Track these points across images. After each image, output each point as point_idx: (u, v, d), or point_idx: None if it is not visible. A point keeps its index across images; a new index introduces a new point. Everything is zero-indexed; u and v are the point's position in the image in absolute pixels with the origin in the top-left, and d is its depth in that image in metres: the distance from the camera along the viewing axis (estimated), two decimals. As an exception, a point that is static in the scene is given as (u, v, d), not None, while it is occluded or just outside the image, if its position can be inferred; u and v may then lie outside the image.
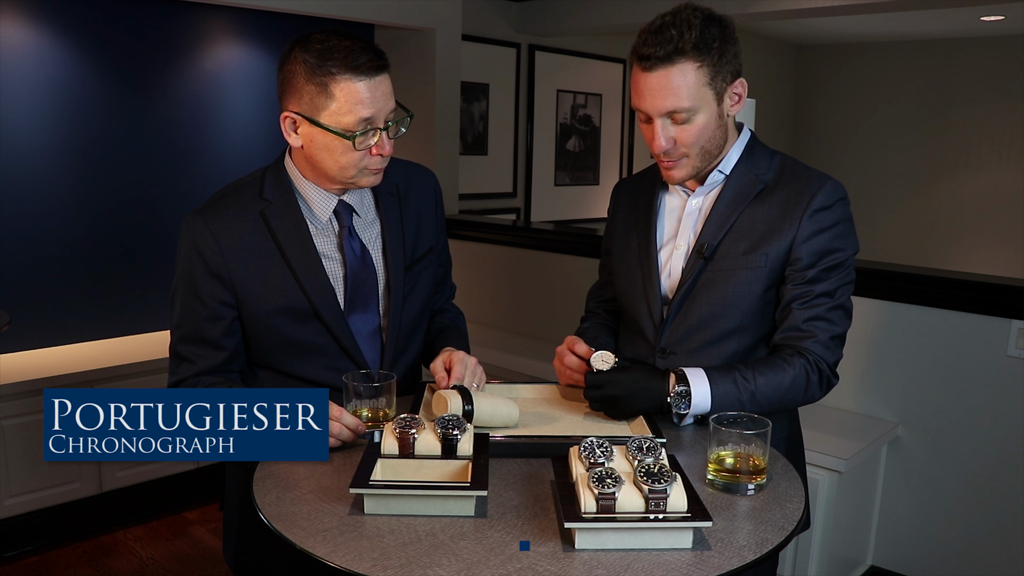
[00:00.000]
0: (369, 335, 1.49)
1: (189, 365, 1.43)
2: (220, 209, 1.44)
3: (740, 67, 1.40)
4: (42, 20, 3.10)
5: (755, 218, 1.43)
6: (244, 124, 3.74)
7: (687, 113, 1.36)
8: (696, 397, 1.34)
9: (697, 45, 1.32)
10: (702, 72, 1.34)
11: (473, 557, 0.95)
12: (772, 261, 1.41)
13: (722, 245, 1.43)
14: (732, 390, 1.35)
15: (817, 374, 1.40)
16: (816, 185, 1.42)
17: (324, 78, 1.32)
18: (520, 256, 3.72)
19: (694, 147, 1.39)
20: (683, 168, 1.42)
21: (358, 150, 1.36)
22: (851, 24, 6.43)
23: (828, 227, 1.41)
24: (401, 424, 1.15)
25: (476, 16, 4.65)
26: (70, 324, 3.30)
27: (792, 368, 1.39)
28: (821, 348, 1.40)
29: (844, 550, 2.58)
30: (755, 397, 1.36)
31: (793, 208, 1.41)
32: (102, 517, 3.10)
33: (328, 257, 1.46)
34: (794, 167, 1.47)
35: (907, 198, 7.33)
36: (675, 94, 1.34)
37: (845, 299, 1.44)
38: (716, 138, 1.41)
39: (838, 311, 1.42)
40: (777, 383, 1.37)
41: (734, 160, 1.46)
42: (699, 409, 1.35)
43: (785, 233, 1.40)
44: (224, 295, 1.42)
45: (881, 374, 2.67)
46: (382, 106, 1.36)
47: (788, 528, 1.04)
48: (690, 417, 1.38)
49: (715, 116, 1.38)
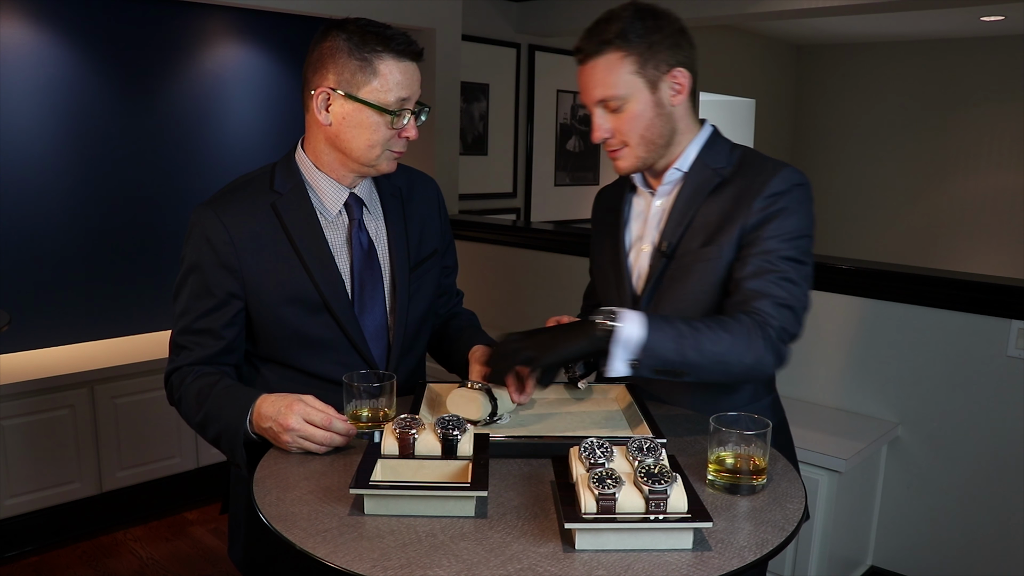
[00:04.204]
0: (376, 332, 1.50)
1: (187, 353, 1.44)
2: (231, 201, 1.44)
3: (683, 59, 1.42)
4: (42, 20, 3.10)
5: (710, 212, 1.43)
6: (244, 124, 3.74)
7: (618, 101, 1.40)
8: (627, 322, 1.25)
9: (622, 35, 1.38)
10: (629, 61, 1.38)
11: (473, 558, 0.95)
12: (726, 252, 1.40)
13: (682, 242, 1.44)
14: (669, 327, 1.27)
15: (761, 331, 1.30)
16: (770, 172, 1.40)
17: (368, 55, 1.36)
18: (520, 256, 3.72)
19: (631, 135, 1.42)
20: (627, 158, 1.45)
21: (393, 128, 1.39)
22: (851, 24, 6.43)
23: (780, 211, 1.37)
24: (401, 424, 1.15)
25: (476, 16, 4.65)
26: (70, 324, 3.30)
27: (737, 321, 1.31)
28: (768, 307, 1.32)
29: (844, 550, 2.58)
30: (698, 344, 1.26)
31: (746, 196, 1.40)
32: (102, 517, 3.10)
33: (337, 250, 1.47)
34: (753, 158, 1.46)
35: (907, 198, 7.33)
36: (603, 83, 1.40)
37: (795, 276, 1.36)
38: (656, 127, 1.42)
39: (785, 283, 1.34)
40: (721, 335, 1.28)
41: (692, 156, 1.47)
42: (630, 335, 1.24)
43: (737, 221, 1.39)
44: (233, 286, 1.42)
45: (881, 374, 2.67)
46: (415, 91, 1.41)
47: (788, 528, 1.04)
48: (620, 359, 1.25)
49: (650, 105, 1.41)
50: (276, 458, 1.25)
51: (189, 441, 3.27)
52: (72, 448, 2.97)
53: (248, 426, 1.32)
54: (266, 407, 1.29)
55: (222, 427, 1.35)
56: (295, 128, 3.90)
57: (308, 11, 3.42)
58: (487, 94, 4.87)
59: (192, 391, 1.41)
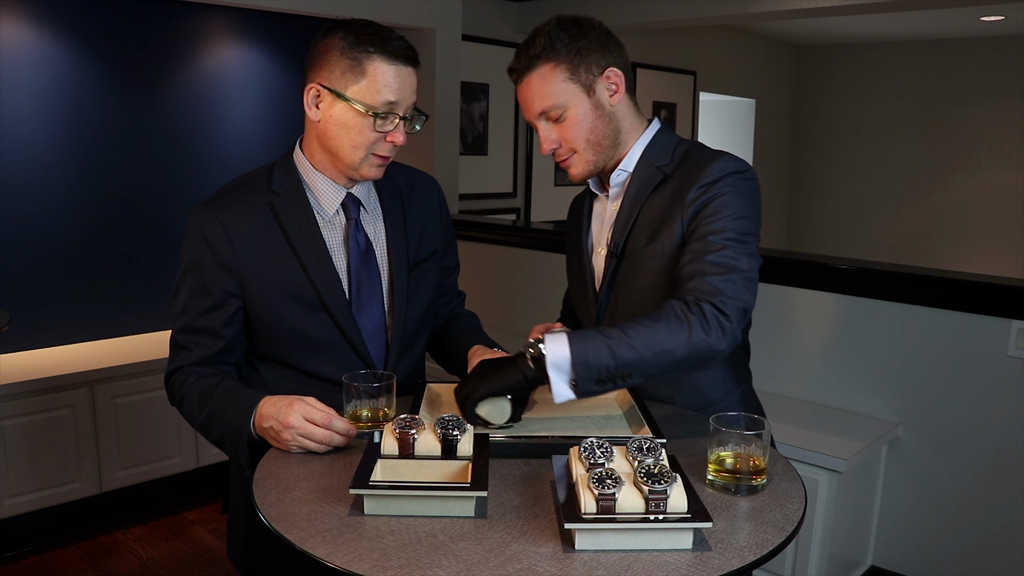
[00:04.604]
0: (374, 331, 1.50)
1: (187, 353, 1.45)
2: (229, 200, 1.45)
3: (613, 60, 1.44)
4: (42, 20, 3.10)
5: (653, 209, 1.44)
6: (244, 124, 3.74)
7: (558, 110, 1.42)
8: (550, 343, 1.24)
9: (548, 47, 1.41)
10: (559, 70, 1.41)
11: (473, 558, 0.95)
12: (668, 247, 1.40)
13: (629, 241, 1.46)
14: (593, 335, 1.24)
15: (695, 311, 1.26)
16: (705, 162, 1.39)
17: (359, 55, 1.36)
18: (520, 256, 3.72)
19: (577, 140, 1.45)
20: (577, 164, 1.48)
21: (376, 131, 1.38)
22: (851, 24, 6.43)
23: (713, 197, 1.36)
24: (401, 424, 1.15)
25: (476, 16, 4.65)
26: (70, 324, 3.30)
27: (664, 309, 1.28)
28: (700, 286, 1.29)
29: (844, 550, 2.58)
30: (630, 341, 1.23)
31: (683, 189, 1.40)
32: (102, 517, 3.10)
33: (334, 250, 1.47)
34: (694, 151, 1.45)
35: (907, 198, 7.33)
36: (539, 96, 1.43)
37: (732, 252, 1.32)
38: (599, 129, 1.44)
39: (721, 262, 1.31)
40: (650, 325, 1.25)
41: (636, 156, 1.49)
42: (558, 356, 1.23)
43: (675, 215, 1.39)
44: (231, 285, 1.43)
45: (881, 374, 2.67)
46: (406, 96, 1.40)
47: (788, 528, 1.04)
48: (559, 382, 1.24)
49: (590, 108, 1.43)
50: (276, 458, 1.25)
51: (189, 441, 3.27)
52: (72, 448, 2.97)
53: (251, 428, 1.32)
54: (268, 407, 1.30)
55: (225, 428, 1.36)
56: (295, 128, 3.90)
57: (308, 11, 3.42)
58: (487, 94, 4.87)
59: (194, 392, 1.41)
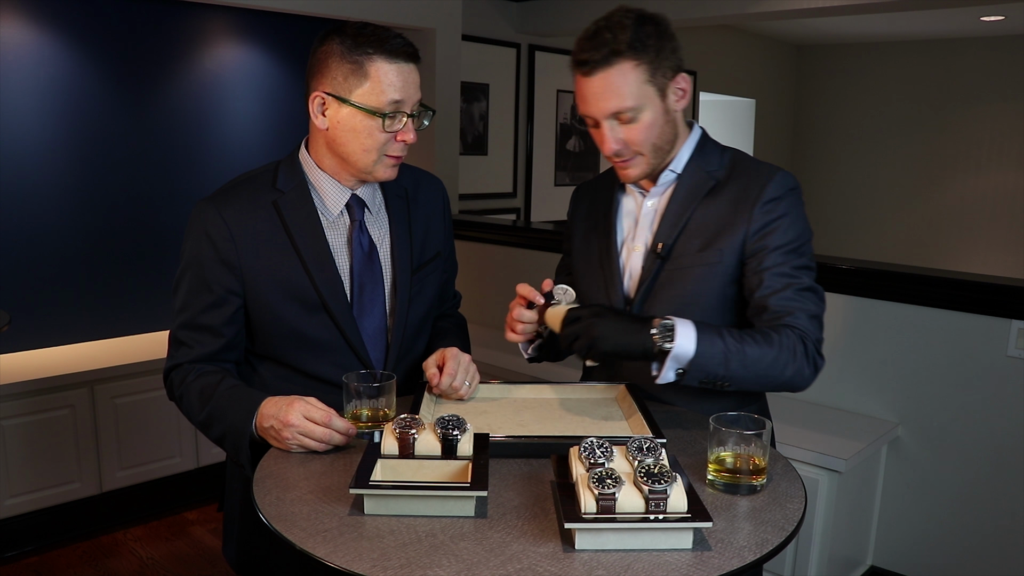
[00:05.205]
0: (374, 334, 1.49)
1: (187, 350, 1.44)
2: (232, 197, 1.44)
3: (681, 63, 1.42)
4: (42, 20, 3.10)
5: (707, 215, 1.44)
6: (244, 124, 3.74)
7: (632, 112, 1.38)
8: (680, 337, 1.28)
9: (632, 44, 1.35)
10: (641, 70, 1.36)
11: (473, 558, 0.95)
12: (727, 256, 1.42)
13: (677, 244, 1.45)
14: (718, 342, 1.30)
15: (803, 346, 1.35)
16: (766, 177, 1.42)
17: (359, 58, 1.35)
18: (520, 256, 3.72)
19: (646, 144, 1.41)
20: (638, 166, 1.45)
21: (385, 132, 1.38)
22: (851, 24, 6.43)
23: (780, 216, 1.41)
24: (401, 424, 1.15)
25: (476, 16, 4.65)
26: (70, 324, 3.30)
27: (780, 336, 1.34)
28: (803, 321, 1.36)
29: (844, 550, 2.58)
30: (743, 359, 1.31)
31: (744, 202, 1.42)
32: (102, 517, 3.10)
33: (337, 251, 1.46)
34: (744, 161, 1.48)
35: (907, 198, 7.33)
36: (617, 94, 1.36)
37: (811, 283, 1.40)
38: (666, 134, 1.43)
39: (807, 292, 1.39)
40: (765, 350, 1.32)
41: (685, 158, 1.48)
42: (682, 351, 1.28)
43: (738, 227, 1.41)
44: (232, 283, 1.42)
45: (881, 374, 2.67)
46: (411, 93, 1.39)
47: (788, 528, 1.04)
48: (671, 369, 1.30)
49: (661, 112, 1.40)
50: (276, 458, 1.25)
51: (189, 441, 3.27)
52: (72, 448, 2.97)
53: (253, 428, 1.32)
54: (269, 407, 1.29)
55: (227, 428, 1.36)
56: (295, 128, 3.90)
57: (308, 11, 3.42)
58: (487, 94, 4.87)
59: (194, 389, 1.41)
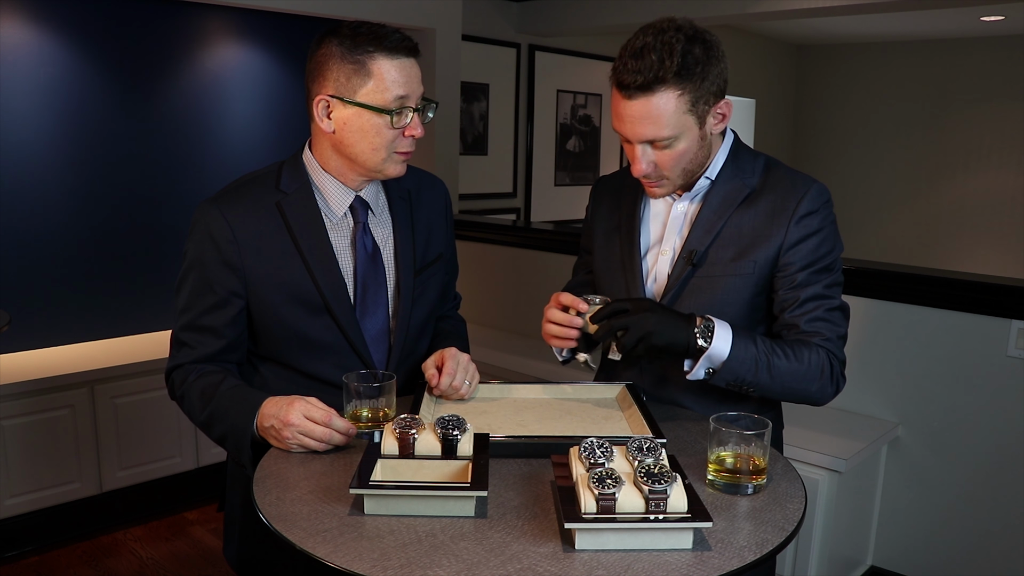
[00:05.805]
0: (377, 335, 1.49)
1: (189, 351, 1.44)
2: (236, 198, 1.44)
3: (724, 86, 1.38)
4: (42, 20, 3.10)
5: (742, 224, 1.43)
6: (244, 124, 3.74)
7: (668, 140, 1.35)
8: (717, 338, 1.33)
9: (679, 72, 1.29)
10: (683, 99, 1.32)
11: (473, 558, 0.95)
12: (760, 267, 1.42)
13: (710, 251, 1.44)
14: (751, 348, 1.34)
15: (830, 367, 1.39)
16: (802, 190, 1.42)
17: (360, 57, 1.34)
18: (520, 256, 3.72)
19: (675, 169, 1.39)
20: (665, 187, 1.43)
21: (393, 128, 1.37)
22: (851, 24, 6.43)
23: (815, 231, 1.41)
24: (401, 424, 1.15)
25: (476, 16, 4.65)
26: (70, 324, 3.30)
27: (812, 352, 1.38)
28: (833, 343, 1.40)
29: (844, 550, 2.58)
30: (771, 369, 1.35)
31: (780, 214, 1.41)
32: (102, 517, 3.10)
33: (341, 252, 1.46)
34: (778, 170, 1.47)
35: (907, 198, 7.33)
36: (655, 123, 1.32)
37: (840, 300, 1.44)
38: (698, 159, 1.41)
39: (836, 312, 1.42)
40: (795, 364, 1.36)
41: (719, 165, 1.46)
42: (717, 352, 1.33)
43: (773, 239, 1.41)
44: (235, 284, 1.42)
45: (881, 374, 2.67)
46: (415, 88, 1.38)
47: (788, 528, 1.04)
48: (702, 368, 1.35)
49: (696, 140, 1.37)
50: (276, 458, 1.25)
51: (189, 441, 3.27)
52: (72, 448, 2.97)
53: (254, 428, 1.32)
54: (270, 407, 1.29)
55: (228, 427, 1.36)
56: (295, 128, 3.90)
57: (308, 11, 3.42)
58: (487, 94, 4.87)
59: (196, 389, 1.41)
